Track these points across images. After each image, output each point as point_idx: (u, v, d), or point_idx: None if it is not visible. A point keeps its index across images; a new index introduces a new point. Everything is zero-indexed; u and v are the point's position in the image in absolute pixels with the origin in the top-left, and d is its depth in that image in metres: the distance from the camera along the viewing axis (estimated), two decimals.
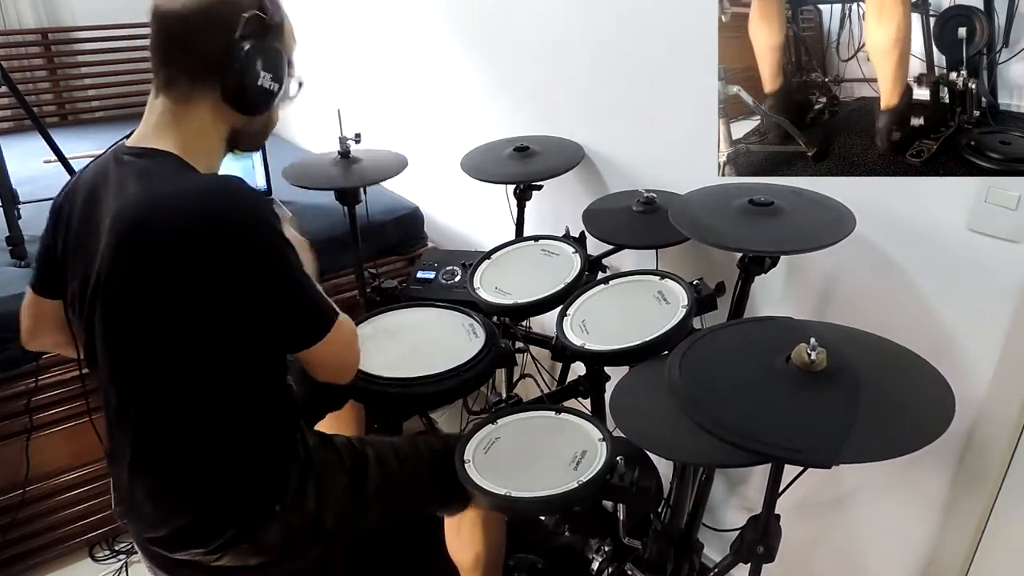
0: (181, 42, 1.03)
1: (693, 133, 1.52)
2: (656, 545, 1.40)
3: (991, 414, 1.22)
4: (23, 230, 1.97)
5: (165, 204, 0.99)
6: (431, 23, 2.27)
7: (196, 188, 1.02)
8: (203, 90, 1.05)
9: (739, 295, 1.36)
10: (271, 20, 1.06)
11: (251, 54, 1.03)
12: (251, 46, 1.03)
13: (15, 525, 1.88)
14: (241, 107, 1.07)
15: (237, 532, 1.13)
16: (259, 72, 1.05)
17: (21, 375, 1.82)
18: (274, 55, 1.07)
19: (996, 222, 1.15)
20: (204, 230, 0.97)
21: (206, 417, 1.08)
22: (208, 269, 0.98)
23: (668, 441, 1.06)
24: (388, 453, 1.31)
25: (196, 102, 1.05)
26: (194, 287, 0.99)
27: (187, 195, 1.00)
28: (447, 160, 1.93)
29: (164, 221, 0.98)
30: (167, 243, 0.98)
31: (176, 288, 0.99)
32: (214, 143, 1.10)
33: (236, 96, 1.05)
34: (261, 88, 1.06)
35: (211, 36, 1.02)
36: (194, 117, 1.06)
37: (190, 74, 1.04)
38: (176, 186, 1.01)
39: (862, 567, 1.54)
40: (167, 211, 0.99)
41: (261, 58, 1.04)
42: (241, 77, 1.04)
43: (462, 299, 1.59)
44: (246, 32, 1.03)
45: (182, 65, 1.04)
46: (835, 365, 0.93)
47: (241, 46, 1.02)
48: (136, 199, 1.00)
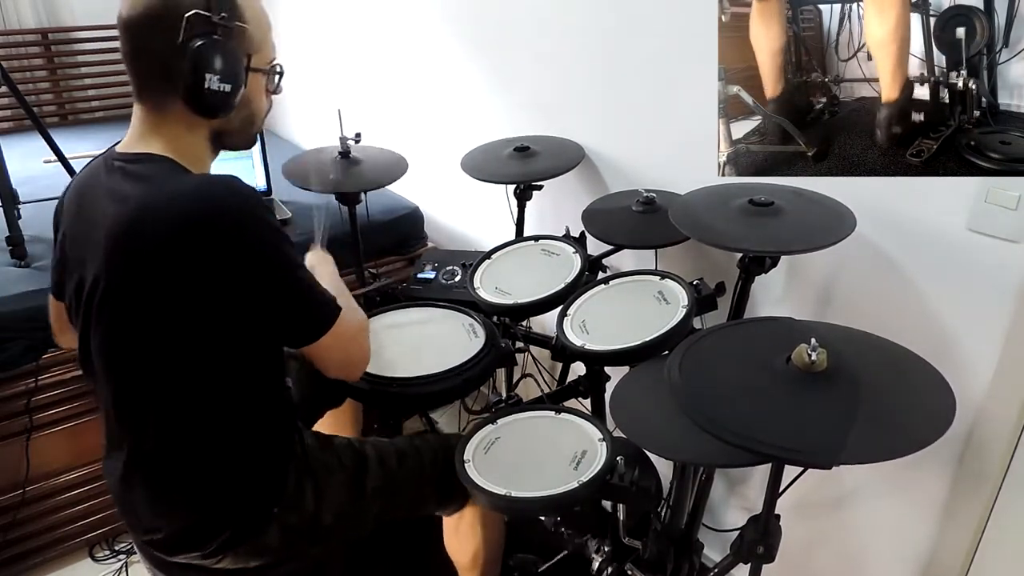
0: (136, 49, 1.02)
1: (693, 133, 1.52)
2: (656, 545, 1.40)
3: (991, 414, 1.22)
4: (23, 230, 1.97)
5: (159, 206, 0.99)
6: (431, 23, 2.27)
7: (189, 189, 1.01)
8: (170, 94, 1.03)
9: (739, 295, 1.36)
10: (216, 18, 1.00)
11: (197, 56, 0.99)
12: (197, 48, 0.99)
13: (15, 525, 1.88)
14: (200, 111, 1.04)
15: (235, 534, 1.13)
16: (205, 75, 1.00)
17: (21, 375, 1.82)
18: (223, 54, 1.01)
19: (996, 222, 1.15)
20: (199, 230, 0.97)
21: (203, 419, 1.08)
22: (205, 269, 0.98)
23: (668, 441, 1.06)
24: (388, 453, 1.31)
25: (168, 107, 1.04)
26: (192, 288, 0.99)
27: (180, 196, 0.99)
28: (447, 160, 1.93)
29: (159, 223, 0.98)
30: (163, 245, 0.97)
31: (174, 290, 0.99)
32: (199, 145, 1.09)
33: (194, 100, 1.02)
34: (211, 91, 1.01)
35: (159, 40, 0.99)
36: (172, 121, 1.05)
37: (154, 81, 1.03)
38: (169, 188, 1.01)
39: (862, 567, 1.54)
40: (162, 213, 0.98)
41: (208, 59, 1.00)
42: (192, 81, 1.00)
43: (462, 299, 1.59)
44: (190, 34, 0.99)
45: (143, 72, 1.03)
46: (835, 365, 0.93)
47: (187, 47, 0.99)
48: (131, 203, 1.00)
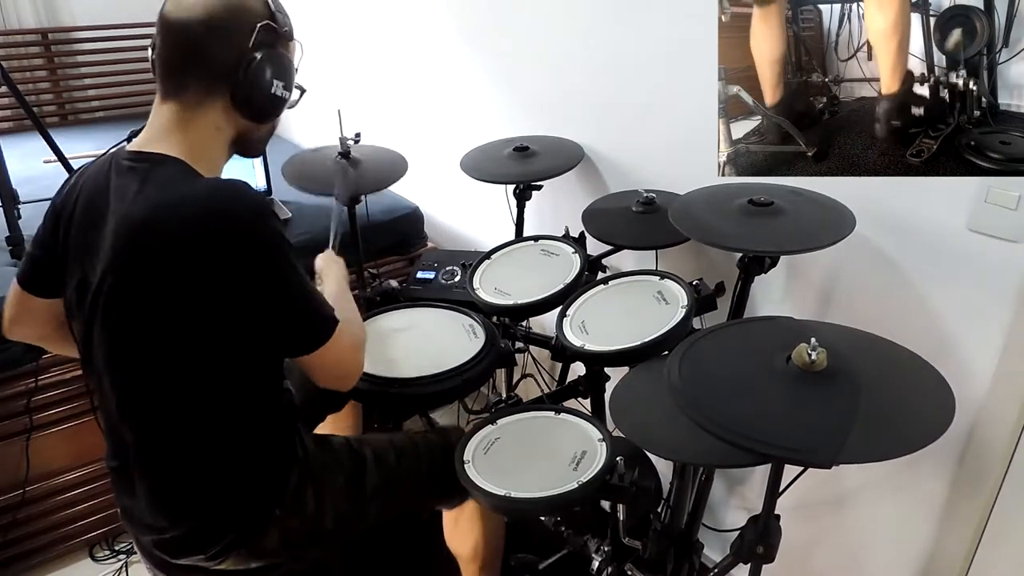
0: (194, 51, 1.03)
1: (693, 133, 1.52)
2: (656, 545, 1.40)
3: (991, 414, 1.22)
4: (23, 230, 1.97)
5: (169, 210, 0.99)
6: (431, 23, 2.27)
7: (199, 193, 1.01)
8: (214, 97, 1.05)
9: (739, 295, 1.36)
10: (281, 29, 1.07)
11: (264, 63, 1.04)
12: (263, 55, 1.04)
13: (15, 525, 1.88)
14: (251, 115, 1.08)
15: (237, 537, 1.13)
16: (271, 80, 1.06)
17: (21, 375, 1.82)
18: (285, 63, 1.08)
19: (996, 222, 1.15)
20: (207, 234, 0.97)
21: (206, 422, 1.08)
22: (211, 273, 0.98)
23: (668, 441, 1.06)
24: (386, 450, 1.31)
25: (206, 108, 1.06)
26: (197, 291, 0.99)
27: (190, 200, 1.00)
28: (447, 160, 1.93)
29: (168, 227, 0.98)
30: (171, 248, 0.98)
31: (179, 293, 0.99)
32: (219, 148, 1.10)
33: (247, 103, 1.06)
34: (273, 96, 1.07)
35: (224, 45, 1.03)
36: (203, 123, 1.06)
37: (202, 82, 1.04)
38: (180, 192, 1.01)
39: (862, 567, 1.54)
40: (171, 217, 0.98)
41: (272, 67, 1.06)
42: (253, 86, 1.05)
43: (462, 299, 1.59)
44: (259, 41, 1.04)
45: (194, 73, 1.04)
46: (835, 365, 0.93)
47: (254, 55, 1.04)
48: (140, 205, 1.00)
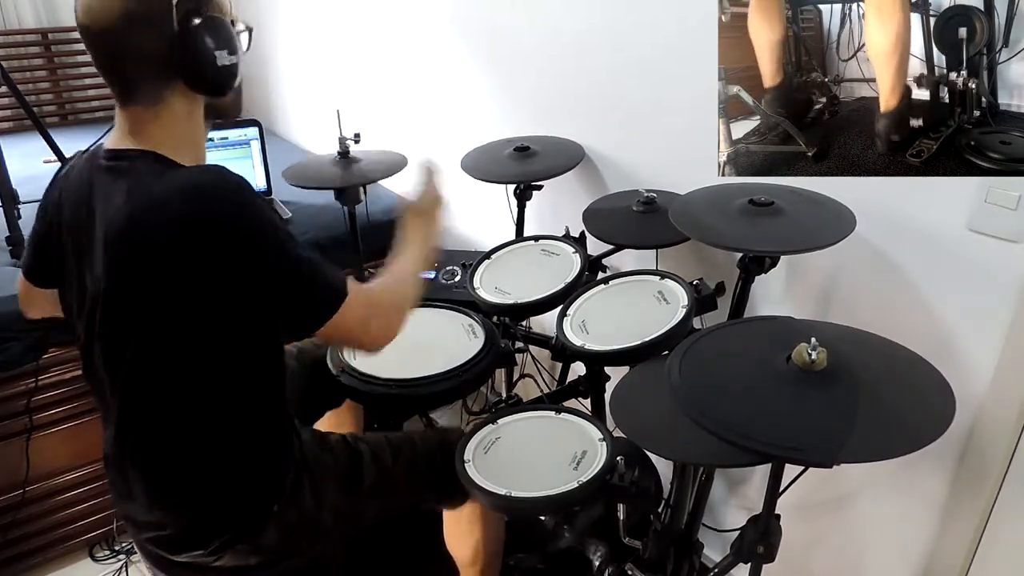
0: (125, 50, 0.97)
1: (693, 133, 1.52)
2: (656, 545, 1.40)
3: (991, 414, 1.22)
4: (23, 230, 1.97)
5: (151, 208, 0.97)
6: (431, 23, 2.26)
7: (178, 185, 0.98)
8: (170, 86, 1.01)
9: (739, 295, 1.36)
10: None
11: (198, 38, 0.97)
12: (194, 29, 0.97)
13: (15, 525, 1.88)
14: (211, 90, 1.03)
15: (236, 533, 1.13)
16: (213, 52, 0.99)
17: (21, 375, 1.82)
18: (218, 25, 1.00)
19: (996, 222, 1.14)
20: (193, 224, 0.95)
21: (204, 419, 1.08)
22: (203, 263, 0.97)
23: (668, 441, 1.06)
24: (383, 449, 1.31)
25: (167, 99, 1.01)
26: (192, 283, 0.97)
27: (170, 194, 0.97)
28: (447, 160, 1.93)
29: (152, 224, 0.96)
30: (159, 246, 0.96)
31: (172, 293, 0.98)
32: (196, 129, 1.07)
33: (202, 82, 1.01)
34: (222, 67, 1.01)
35: (150, 35, 0.96)
36: (166, 116, 1.03)
37: (149, 77, 1.00)
38: (159, 187, 0.99)
39: (862, 567, 1.54)
40: (154, 214, 0.97)
41: (210, 37, 0.98)
42: (199, 65, 0.99)
43: (462, 299, 1.59)
44: (183, 16, 0.97)
45: (136, 71, 1.00)
46: (835, 365, 0.93)
47: (185, 33, 0.97)
48: (123, 208, 0.98)
